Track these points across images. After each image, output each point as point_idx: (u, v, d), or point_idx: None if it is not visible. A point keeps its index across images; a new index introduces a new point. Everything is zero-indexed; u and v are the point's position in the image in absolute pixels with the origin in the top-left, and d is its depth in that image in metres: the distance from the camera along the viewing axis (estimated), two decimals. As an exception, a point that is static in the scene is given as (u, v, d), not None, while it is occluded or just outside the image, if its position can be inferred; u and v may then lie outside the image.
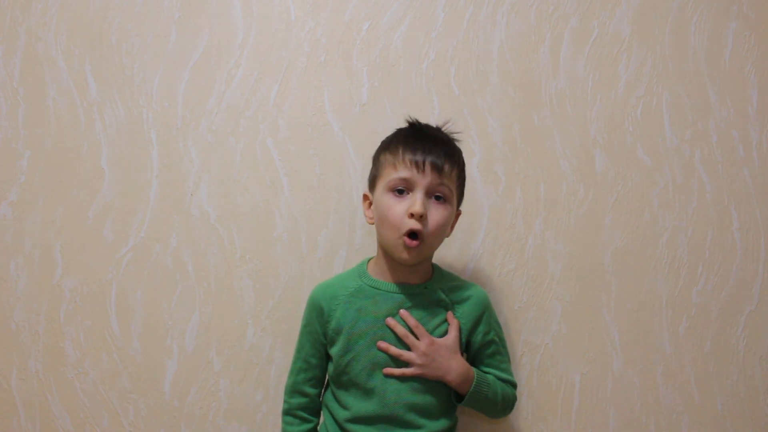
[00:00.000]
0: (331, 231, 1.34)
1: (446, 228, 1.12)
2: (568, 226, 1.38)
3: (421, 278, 1.15)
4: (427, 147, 1.09)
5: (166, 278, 1.33)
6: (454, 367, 1.10)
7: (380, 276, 1.15)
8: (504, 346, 1.22)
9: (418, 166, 1.07)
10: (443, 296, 1.15)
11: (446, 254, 1.35)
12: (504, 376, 1.18)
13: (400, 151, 1.09)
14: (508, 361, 1.22)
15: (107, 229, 1.33)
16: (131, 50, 1.36)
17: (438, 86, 1.38)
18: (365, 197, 1.18)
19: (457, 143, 1.17)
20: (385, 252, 1.13)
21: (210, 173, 1.34)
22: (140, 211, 1.33)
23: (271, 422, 1.31)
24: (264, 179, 1.35)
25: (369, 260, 1.20)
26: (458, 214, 1.18)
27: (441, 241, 1.13)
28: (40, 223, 1.33)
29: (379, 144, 1.18)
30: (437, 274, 1.18)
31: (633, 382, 1.37)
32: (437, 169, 1.07)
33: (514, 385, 1.20)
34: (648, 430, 1.36)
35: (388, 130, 1.34)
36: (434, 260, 1.33)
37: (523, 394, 1.35)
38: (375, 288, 1.14)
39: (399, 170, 1.08)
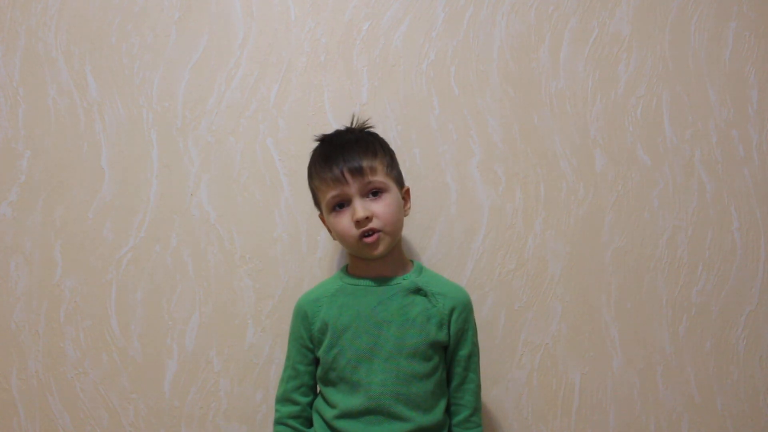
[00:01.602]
0: (331, 231, 1.34)
1: (398, 214, 1.15)
2: (568, 226, 1.38)
3: (399, 271, 1.18)
4: (340, 157, 1.13)
5: (166, 278, 1.33)
6: None
7: (358, 273, 1.18)
8: (478, 355, 1.19)
9: (340, 180, 1.11)
10: (421, 285, 1.16)
11: (446, 254, 1.35)
12: (475, 403, 1.17)
13: (321, 173, 1.14)
14: (478, 376, 1.18)
15: (107, 229, 1.33)
16: (131, 50, 1.36)
17: (438, 86, 1.38)
18: (321, 218, 1.22)
19: (370, 130, 1.20)
20: (355, 255, 1.17)
21: (210, 173, 1.34)
22: (140, 211, 1.33)
23: (270, 422, 1.31)
24: (264, 179, 1.35)
25: (346, 265, 1.23)
26: (406, 190, 1.21)
27: (400, 224, 1.16)
28: (40, 223, 1.33)
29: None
30: (416, 268, 1.20)
31: (633, 382, 1.37)
32: (358, 172, 1.11)
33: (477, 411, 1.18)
34: (648, 430, 1.36)
35: (389, 131, 1.34)
36: (432, 261, 1.34)
37: (523, 394, 1.35)
38: (354, 285, 1.17)
39: (328, 189, 1.13)
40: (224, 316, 1.33)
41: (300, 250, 1.34)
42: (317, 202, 1.20)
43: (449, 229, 1.36)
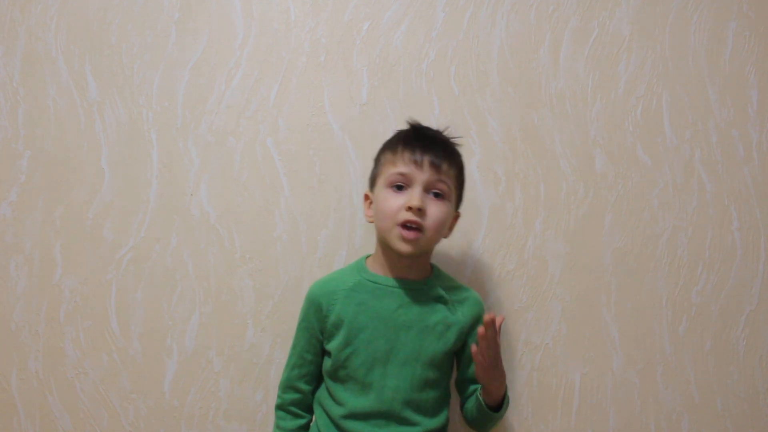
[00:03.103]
0: (331, 231, 1.34)
1: (444, 225, 1.12)
2: (568, 226, 1.38)
3: (420, 275, 1.16)
4: (427, 145, 1.11)
5: (166, 278, 1.33)
6: (498, 374, 1.09)
7: (379, 271, 1.15)
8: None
9: (417, 163, 1.08)
10: (442, 293, 1.15)
11: (446, 254, 1.35)
12: None
13: (400, 149, 1.11)
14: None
15: (107, 229, 1.33)
16: (131, 50, 1.36)
17: (438, 86, 1.38)
18: (366, 197, 1.18)
19: (457, 147, 1.17)
20: (384, 247, 1.14)
21: (210, 173, 1.34)
22: (140, 211, 1.33)
23: (271, 422, 1.31)
24: (264, 179, 1.35)
25: (367, 257, 1.20)
26: (457, 216, 1.18)
27: (439, 238, 1.13)
28: (40, 223, 1.33)
29: (380, 145, 1.18)
30: (436, 272, 1.19)
31: (633, 382, 1.37)
32: (435, 166, 1.09)
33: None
34: (648, 430, 1.36)
35: (388, 130, 1.34)
36: (435, 261, 1.34)
37: (523, 394, 1.35)
38: (374, 282, 1.14)
39: (398, 166, 1.10)
40: (224, 316, 1.33)
41: (300, 250, 1.34)
42: (375, 176, 1.16)
43: (449, 229, 1.36)
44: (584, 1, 1.41)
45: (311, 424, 1.18)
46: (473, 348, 1.05)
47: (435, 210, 1.09)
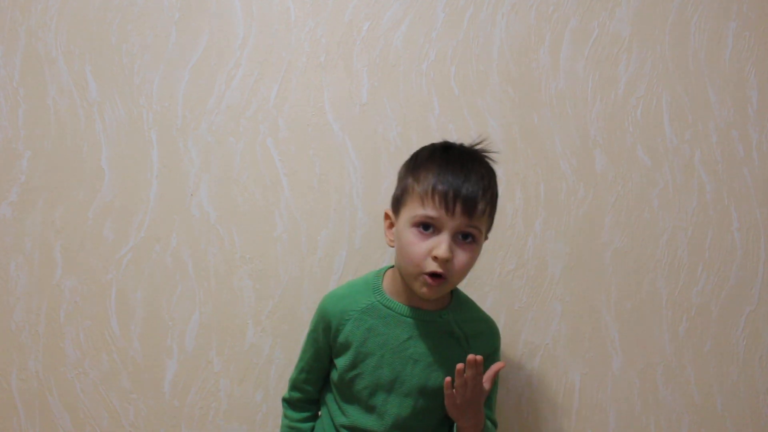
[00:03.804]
0: (331, 231, 1.34)
1: (470, 268, 1.04)
2: (568, 226, 1.38)
3: (437, 305, 1.09)
4: (460, 181, 0.99)
5: (166, 278, 1.33)
6: (471, 414, 1.04)
7: (394, 296, 1.09)
8: (497, 384, 1.17)
9: (448, 207, 0.97)
10: (456, 329, 1.10)
11: (446, 254, 1.35)
12: (491, 415, 1.15)
13: (430, 184, 0.99)
14: (496, 398, 1.17)
15: (107, 229, 1.33)
16: (131, 50, 1.36)
17: (438, 86, 1.38)
18: (386, 216, 1.09)
19: (492, 164, 1.08)
20: (403, 276, 1.07)
21: (210, 173, 1.34)
22: (140, 211, 1.33)
23: (271, 422, 1.31)
24: (264, 179, 1.35)
25: (385, 272, 1.13)
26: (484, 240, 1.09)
27: (464, 277, 1.06)
28: (40, 223, 1.33)
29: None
30: (455, 301, 1.12)
31: (633, 382, 1.37)
32: (468, 210, 0.98)
33: (495, 425, 1.16)
34: (648, 430, 1.36)
35: (389, 130, 1.34)
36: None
37: (523, 394, 1.35)
38: (388, 308, 1.08)
39: (426, 207, 0.99)
40: (224, 316, 1.33)
41: (300, 250, 1.34)
42: (399, 200, 1.05)
43: (449, 229, 1.36)
44: (584, 1, 1.41)
45: (318, 421, 1.18)
46: (447, 379, 1.00)
47: (462, 257, 1.00)
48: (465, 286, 1.28)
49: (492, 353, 1.13)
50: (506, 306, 1.36)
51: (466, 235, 1.01)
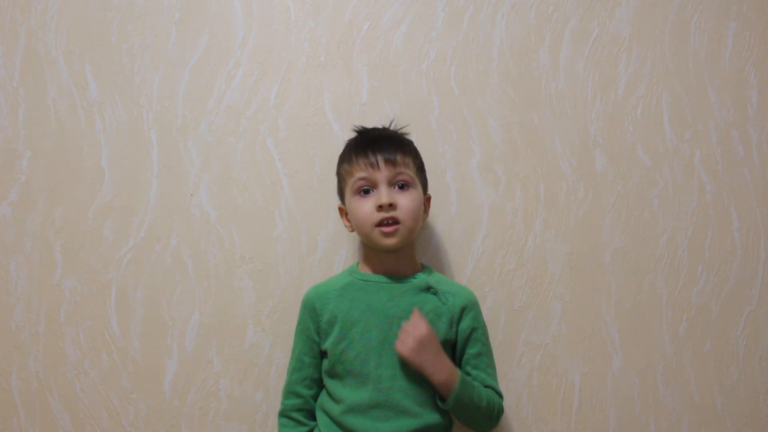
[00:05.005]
0: (331, 231, 1.34)
1: (419, 211, 1.17)
2: (568, 226, 1.38)
3: (410, 271, 1.20)
4: (376, 145, 1.17)
5: (166, 278, 1.33)
6: (438, 365, 1.10)
7: (369, 271, 1.20)
8: (490, 355, 1.20)
9: (373, 165, 1.14)
10: (432, 283, 1.18)
11: (446, 254, 1.35)
12: (489, 381, 1.17)
13: (353, 157, 1.17)
14: (494, 370, 1.20)
15: (107, 229, 1.33)
16: (131, 50, 1.36)
17: (438, 86, 1.38)
18: (340, 210, 1.24)
19: (406, 135, 1.24)
20: (369, 249, 1.19)
21: (210, 173, 1.34)
22: (140, 211, 1.33)
23: (271, 422, 1.31)
24: (264, 179, 1.35)
25: (357, 263, 1.25)
26: (428, 198, 1.23)
27: (418, 224, 1.17)
28: (40, 223, 1.33)
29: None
30: (427, 269, 1.23)
31: (633, 382, 1.37)
32: (391, 162, 1.15)
33: (500, 395, 1.18)
34: (648, 430, 1.36)
35: (388, 130, 1.33)
36: (432, 261, 1.34)
37: (523, 394, 1.35)
38: (365, 281, 1.19)
39: (357, 173, 1.15)
40: (224, 316, 1.33)
41: (300, 250, 1.34)
42: (341, 189, 1.22)
43: (449, 229, 1.36)
44: (584, 1, 1.41)
45: (315, 430, 1.17)
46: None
47: (405, 200, 1.14)
48: (466, 285, 1.27)
49: (469, 306, 1.18)
50: (506, 306, 1.36)
51: (401, 185, 1.16)
